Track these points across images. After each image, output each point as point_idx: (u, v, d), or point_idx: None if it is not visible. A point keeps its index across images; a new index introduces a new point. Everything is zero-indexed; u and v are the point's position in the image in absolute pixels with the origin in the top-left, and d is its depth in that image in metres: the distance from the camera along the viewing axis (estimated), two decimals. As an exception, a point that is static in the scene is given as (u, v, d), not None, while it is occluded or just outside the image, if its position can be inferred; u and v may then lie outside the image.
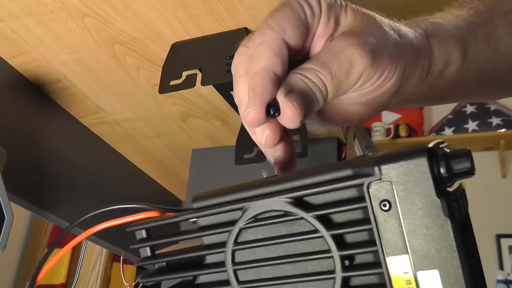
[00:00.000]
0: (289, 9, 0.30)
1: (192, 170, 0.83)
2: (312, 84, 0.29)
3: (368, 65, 0.29)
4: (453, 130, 2.70)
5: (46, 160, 0.69)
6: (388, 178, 0.23)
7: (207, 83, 0.53)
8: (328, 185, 0.24)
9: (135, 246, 0.30)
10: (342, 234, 0.24)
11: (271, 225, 0.26)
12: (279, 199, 0.25)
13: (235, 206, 0.27)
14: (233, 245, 0.26)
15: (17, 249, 1.81)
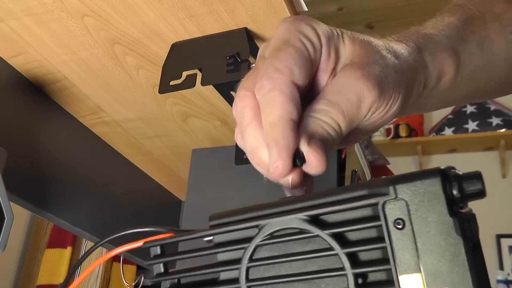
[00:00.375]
0: (292, 48, 0.29)
1: (192, 170, 0.83)
2: (328, 127, 0.29)
3: (376, 98, 0.30)
4: (453, 130, 2.70)
5: (46, 160, 0.69)
6: (402, 198, 0.24)
7: (207, 83, 0.53)
8: (344, 204, 0.25)
9: (150, 262, 0.30)
10: (356, 252, 0.25)
11: (286, 243, 0.26)
12: (296, 217, 0.26)
13: (252, 224, 0.27)
14: (248, 261, 0.27)
15: (17, 249, 1.81)
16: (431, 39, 0.36)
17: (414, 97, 0.34)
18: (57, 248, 1.74)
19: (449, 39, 0.37)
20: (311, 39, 0.30)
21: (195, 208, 0.80)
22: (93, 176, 0.79)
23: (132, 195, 0.90)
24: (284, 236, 0.26)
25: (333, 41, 0.31)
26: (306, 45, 0.30)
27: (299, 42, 0.30)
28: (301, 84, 0.29)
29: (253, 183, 0.77)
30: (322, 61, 0.31)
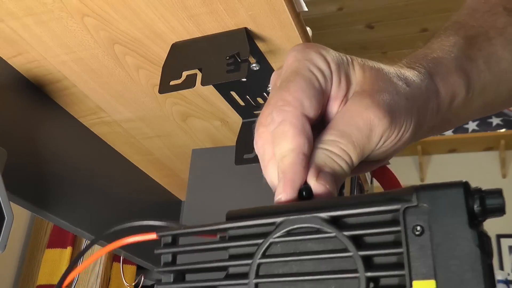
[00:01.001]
0: (302, 78, 0.29)
1: (192, 170, 0.83)
2: (338, 158, 0.29)
3: (387, 126, 0.29)
4: (453, 130, 2.70)
5: (46, 160, 0.69)
6: (424, 205, 0.24)
7: (207, 83, 0.53)
8: (366, 207, 0.25)
9: (159, 251, 0.30)
10: (372, 255, 0.25)
11: (301, 242, 0.26)
12: (316, 216, 0.26)
13: (269, 220, 0.27)
14: (260, 257, 0.26)
15: (17, 249, 1.81)
16: (440, 63, 0.36)
17: (427, 123, 0.34)
18: (57, 248, 1.74)
19: (457, 60, 0.37)
20: (320, 68, 0.30)
21: (195, 208, 0.80)
22: (93, 176, 0.79)
23: (132, 195, 0.90)
24: (301, 235, 0.26)
25: (343, 67, 0.31)
26: (316, 74, 0.29)
27: (308, 71, 0.29)
28: (312, 116, 0.29)
29: (253, 183, 0.77)
30: (333, 89, 0.30)
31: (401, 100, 0.31)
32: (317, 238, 0.26)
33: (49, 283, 1.69)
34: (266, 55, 0.57)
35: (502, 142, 2.59)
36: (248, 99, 0.67)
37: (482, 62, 0.38)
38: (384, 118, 0.29)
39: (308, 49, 0.30)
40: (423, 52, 0.38)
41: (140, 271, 1.58)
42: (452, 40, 0.39)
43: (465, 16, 0.43)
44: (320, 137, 0.30)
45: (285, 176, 0.28)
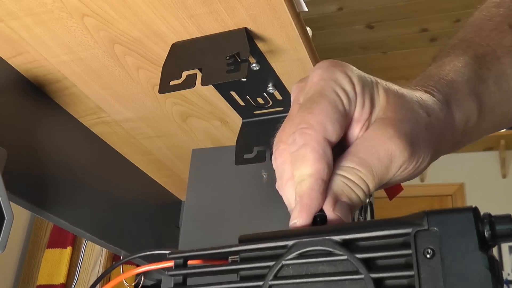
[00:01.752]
0: (326, 101, 0.29)
1: (192, 170, 0.83)
2: (356, 187, 0.29)
3: (407, 158, 0.29)
4: (453, 130, 2.70)
5: (46, 160, 0.69)
6: (435, 229, 0.24)
7: (207, 83, 0.53)
8: (378, 231, 0.25)
9: (170, 273, 0.30)
10: (383, 278, 0.25)
11: (312, 264, 0.26)
12: (328, 238, 0.26)
13: (281, 243, 0.27)
14: (272, 279, 0.26)
15: (17, 249, 1.81)
16: (455, 87, 0.36)
17: (442, 153, 0.34)
18: (57, 248, 1.74)
19: (470, 83, 0.37)
20: (345, 89, 0.29)
21: (195, 208, 0.80)
22: (93, 176, 0.79)
23: (132, 195, 0.90)
24: (312, 257, 0.26)
25: (368, 90, 0.30)
26: (341, 96, 0.29)
27: (333, 93, 0.29)
28: (334, 140, 0.29)
29: (253, 183, 0.77)
30: (356, 111, 0.30)
31: (421, 131, 0.31)
32: (329, 260, 0.26)
33: (49, 283, 1.69)
34: (266, 55, 0.57)
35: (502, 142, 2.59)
36: (248, 99, 0.67)
37: (493, 82, 0.38)
38: (405, 150, 0.29)
39: (334, 68, 0.30)
40: (436, 72, 0.37)
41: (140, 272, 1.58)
42: (462, 60, 0.39)
43: (471, 34, 0.43)
44: (340, 161, 0.30)
45: (302, 201, 0.28)
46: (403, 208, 3.43)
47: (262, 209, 0.75)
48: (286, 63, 0.59)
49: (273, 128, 0.70)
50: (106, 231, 0.80)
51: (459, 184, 2.95)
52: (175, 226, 1.00)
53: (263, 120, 0.71)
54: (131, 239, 0.87)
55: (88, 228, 0.75)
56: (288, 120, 0.32)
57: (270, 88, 0.63)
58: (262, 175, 0.77)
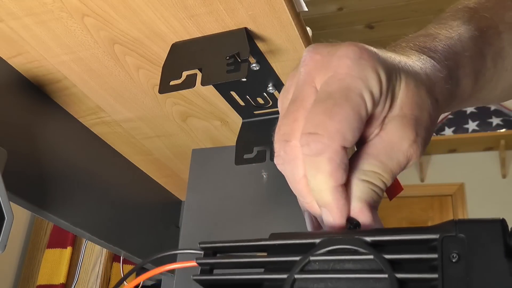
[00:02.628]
0: (350, 107, 0.27)
1: (192, 170, 0.83)
2: (378, 189, 0.29)
3: (418, 159, 0.30)
4: (453, 130, 2.70)
5: (46, 160, 0.69)
6: (462, 235, 0.25)
7: (207, 83, 0.53)
8: (406, 235, 0.26)
9: (199, 261, 0.30)
10: (408, 279, 0.25)
11: (338, 262, 0.27)
12: (358, 238, 0.26)
13: (309, 240, 0.27)
14: (297, 272, 0.27)
15: (17, 249, 1.81)
16: (460, 63, 0.35)
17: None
18: (57, 248, 1.74)
19: (473, 60, 0.36)
20: (372, 92, 0.28)
21: (195, 208, 0.80)
22: (93, 176, 0.79)
23: (132, 195, 0.90)
24: (340, 255, 0.26)
25: (391, 85, 0.29)
26: (366, 101, 0.28)
27: (358, 97, 0.27)
28: (351, 146, 0.28)
29: (253, 183, 0.77)
30: (377, 110, 0.29)
31: (431, 127, 0.31)
32: (356, 259, 0.26)
33: (49, 283, 1.69)
34: (266, 55, 0.57)
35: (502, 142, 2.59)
36: (248, 99, 0.67)
37: (490, 58, 0.38)
38: (421, 154, 0.30)
39: (364, 62, 0.28)
40: (444, 37, 0.36)
41: (140, 271, 1.58)
42: (469, 30, 0.38)
43: (476, 2, 0.41)
44: (359, 163, 0.29)
45: (332, 210, 0.28)
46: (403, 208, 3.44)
47: (262, 209, 0.75)
48: (286, 63, 0.59)
49: (273, 128, 0.70)
50: (106, 231, 0.80)
51: (459, 184, 2.95)
52: (175, 226, 1.00)
53: (263, 120, 0.71)
54: (131, 239, 0.87)
55: (88, 228, 0.75)
56: (300, 108, 0.29)
57: (270, 88, 0.63)
58: (262, 175, 0.77)
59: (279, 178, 0.77)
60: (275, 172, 0.77)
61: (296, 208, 0.73)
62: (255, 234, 0.78)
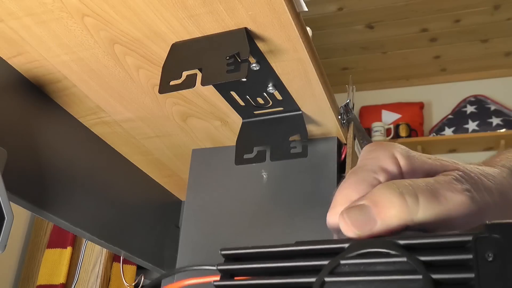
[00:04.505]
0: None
1: (192, 170, 0.83)
2: None
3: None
4: (453, 130, 2.70)
5: (46, 160, 0.69)
6: (496, 236, 0.24)
7: (207, 83, 0.53)
8: (439, 238, 0.25)
9: (220, 268, 0.29)
10: (442, 279, 0.25)
11: (369, 264, 0.26)
12: (389, 240, 0.26)
13: (338, 245, 0.27)
14: (327, 275, 0.26)
15: (17, 249, 1.81)
16: None
17: None
18: (57, 248, 1.74)
19: None
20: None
21: (195, 208, 0.80)
22: (93, 176, 0.79)
23: (132, 195, 0.90)
24: (371, 258, 0.26)
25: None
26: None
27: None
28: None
29: (253, 183, 0.77)
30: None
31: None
32: (388, 261, 0.25)
33: (49, 283, 1.69)
34: (266, 55, 0.57)
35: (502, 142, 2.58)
36: (248, 99, 0.67)
37: None
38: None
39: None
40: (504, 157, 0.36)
41: (140, 271, 1.58)
42: None
43: None
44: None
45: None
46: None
47: (262, 209, 0.75)
48: (286, 63, 0.59)
49: (273, 128, 0.70)
50: (106, 231, 0.80)
51: (459, 184, 2.92)
52: (175, 226, 1.00)
53: (263, 120, 0.71)
54: (131, 239, 0.87)
55: (88, 228, 0.75)
56: (363, 178, 0.30)
57: (270, 88, 0.63)
58: (262, 175, 0.77)
59: (279, 178, 0.78)
60: (275, 172, 0.78)
61: (295, 208, 0.73)
62: (255, 234, 0.79)
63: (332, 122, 0.71)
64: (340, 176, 0.73)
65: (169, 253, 0.96)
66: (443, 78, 2.88)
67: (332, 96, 0.67)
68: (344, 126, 0.74)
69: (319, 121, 0.71)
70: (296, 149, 0.68)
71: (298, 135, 0.69)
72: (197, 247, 0.77)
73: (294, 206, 0.73)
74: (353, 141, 0.74)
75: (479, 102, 2.73)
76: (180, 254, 0.78)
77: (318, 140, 0.76)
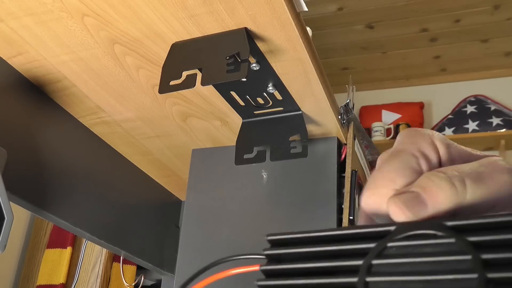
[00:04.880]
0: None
1: (192, 170, 0.83)
2: None
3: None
4: (453, 130, 2.70)
5: (46, 160, 0.69)
6: None
7: (207, 83, 0.53)
8: (488, 219, 0.25)
9: (266, 253, 0.29)
10: (493, 259, 0.24)
11: (416, 246, 0.26)
12: (437, 222, 0.25)
13: (384, 228, 0.26)
14: (374, 257, 0.26)
15: (17, 249, 1.81)
16: None
17: None
18: (57, 248, 1.74)
19: None
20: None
21: (195, 208, 0.80)
22: (93, 176, 0.79)
23: (132, 195, 0.90)
24: (418, 240, 0.25)
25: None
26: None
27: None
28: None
29: (253, 183, 0.77)
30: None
31: None
32: (436, 243, 0.25)
33: (49, 283, 1.69)
34: (266, 55, 0.57)
35: (502, 142, 2.58)
36: (248, 99, 0.67)
37: None
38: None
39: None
40: None
41: (140, 271, 1.58)
42: None
43: None
44: None
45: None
46: (403, 208, 3.40)
47: (262, 209, 0.75)
48: (286, 63, 0.59)
49: (273, 128, 0.70)
50: (106, 231, 0.80)
51: (459, 184, 2.92)
52: (175, 226, 1.00)
53: (263, 120, 0.71)
54: (131, 239, 0.87)
55: (88, 228, 0.75)
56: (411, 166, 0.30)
57: (270, 88, 0.63)
58: (262, 175, 0.77)
59: (279, 178, 0.78)
60: (275, 172, 0.78)
61: (295, 208, 0.73)
62: (255, 234, 0.79)
63: (332, 122, 0.71)
64: (340, 176, 0.73)
65: (169, 253, 0.96)
66: (443, 78, 2.88)
67: (332, 96, 0.67)
68: (344, 126, 0.74)
69: (319, 121, 0.71)
70: (296, 149, 0.68)
71: (298, 135, 0.69)
72: (197, 247, 0.77)
73: (294, 206, 0.73)
74: (353, 141, 0.74)
75: (479, 102, 2.73)
76: (180, 254, 0.78)
77: (318, 140, 0.76)
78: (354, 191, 0.70)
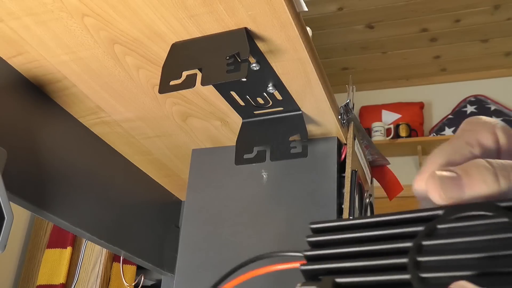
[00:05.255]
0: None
1: (192, 170, 0.83)
2: None
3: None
4: (453, 130, 2.70)
5: (46, 160, 0.69)
6: None
7: (207, 83, 0.53)
8: None
9: (310, 240, 0.29)
10: None
11: (467, 227, 0.25)
12: (489, 202, 0.25)
13: (433, 212, 0.26)
14: (424, 238, 0.25)
15: (17, 249, 1.81)
16: None
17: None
18: (57, 248, 1.74)
19: None
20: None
21: (195, 208, 0.80)
22: (93, 176, 0.79)
23: (132, 195, 0.90)
24: (469, 221, 0.25)
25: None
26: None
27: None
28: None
29: (253, 183, 0.77)
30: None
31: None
32: (489, 223, 0.24)
33: (49, 283, 1.69)
34: (266, 55, 0.57)
35: (502, 142, 2.58)
36: (248, 99, 0.67)
37: None
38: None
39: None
40: None
41: (140, 271, 1.58)
42: None
43: None
44: None
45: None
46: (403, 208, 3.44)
47: (262, 209, 0.75)
48: (286, 63, 0.59)
49: (273, 128, 0.70)
50: (106, 231, 0.80)
51: (459, 184, 2.92)
52: (175, 226, 1.00)
53: (263, 120, 0.71)
54: (131, 239, 0.87)
55: (88, 228, 0.75)
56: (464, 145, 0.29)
57: (270, 88, 0.63)
58: (262, 175, 0.77)
59: (279, 178, 0.78)
60: (275, 172, 0.78)
61: (295, 207, 0.73)
62: (255, 234, 0.79)
63: (332, 122, 0.71)
64: (340, 176, 0.73)
65: (169, 253, 0.96)
66: (443, 78, 2.88)
67: (332, 96, 0.67)
68: (344, 126, 0.73)
69: (319, 121, 0.71)
70: (296, 149, 0.68)
71: (298, 135, 0.69)
72: (197, 247, 0.77)
73: (294, 206, 0.73)
74: (353, 141, 0.74)
75: (479, 102, 2.73)
76: (180, 254, 0.78)
77: (318, 140, 0.76)
78: (354, 191, 0.70)
